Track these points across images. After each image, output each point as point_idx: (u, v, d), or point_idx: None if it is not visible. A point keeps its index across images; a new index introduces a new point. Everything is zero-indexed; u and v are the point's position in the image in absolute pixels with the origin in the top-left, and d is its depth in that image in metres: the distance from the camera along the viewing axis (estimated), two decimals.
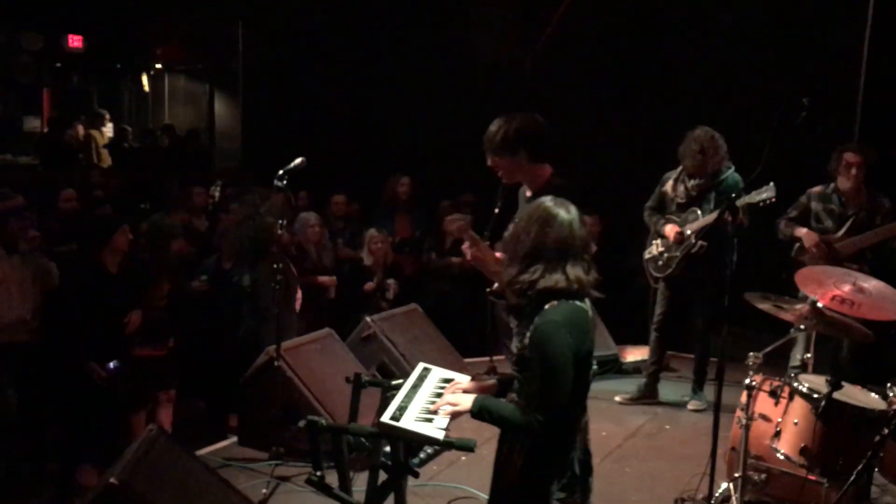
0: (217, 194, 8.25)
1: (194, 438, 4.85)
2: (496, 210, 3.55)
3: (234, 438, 4.89)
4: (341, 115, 9.00)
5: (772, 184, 4.54)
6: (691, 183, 5.35)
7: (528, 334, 2.49)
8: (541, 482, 2.50)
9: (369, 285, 6.44)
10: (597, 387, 5.90)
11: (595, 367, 2.62)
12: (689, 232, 5.25)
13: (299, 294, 5.50)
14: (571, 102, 7.79)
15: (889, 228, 4.84)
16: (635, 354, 6.57)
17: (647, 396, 5.80)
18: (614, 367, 6.42)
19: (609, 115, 7.69)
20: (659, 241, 5.46)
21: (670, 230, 5.33)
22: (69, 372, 4.55)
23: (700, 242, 5.19)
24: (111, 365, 4.57)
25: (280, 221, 4.60)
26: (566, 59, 7.97)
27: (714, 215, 5.03)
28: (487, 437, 3.53)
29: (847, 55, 6.58)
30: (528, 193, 3.51)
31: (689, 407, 5.67)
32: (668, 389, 6.08)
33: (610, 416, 5.55)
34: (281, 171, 4.45)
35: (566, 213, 2.53)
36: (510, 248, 2.60)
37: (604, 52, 7.97)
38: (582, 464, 2.59)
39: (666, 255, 5.40)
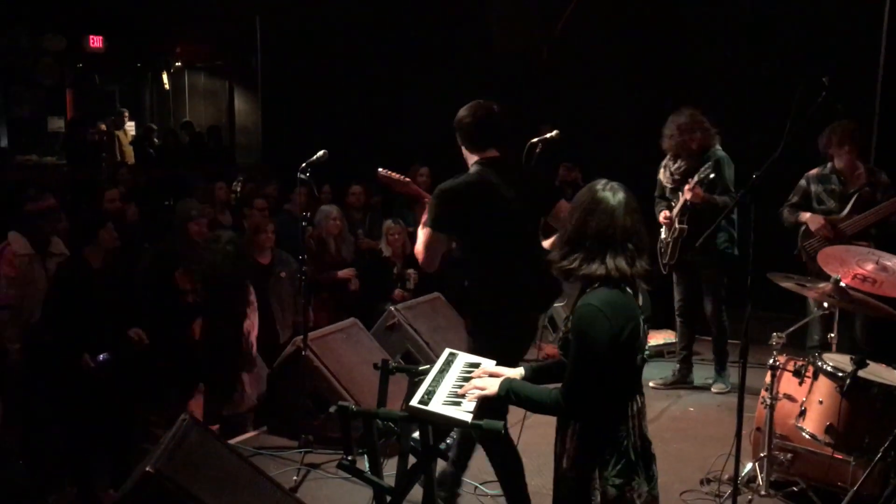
0: (239, 189, 8.36)
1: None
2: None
3: (265, 428, 4.97)
4: (359, 107, 9.06)
5: (709, 164, 4.72)
6: (675, 165, 5.39)
7: (571, 317, 2.50)
8: (590, 467, 2.48)
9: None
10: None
11: (647, 352, 2.60)
12: (674, 216, 5.33)
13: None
14: (587, 92, 7.82)
15: (891, 203, 4.81)
16: (657, 338, 6.58)
17: (681, 382, 5.83)
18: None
19: (624, 105, 7.70)
20: (662, 228, 5.51)
21: (661, 216, 5.40)
22: (68, 372, 4.54)
23: (680, 226, 5.27)
24: (101, 357, 4.59)
25: (304, 214, 4.66)
26: (582, 49, 7.97)
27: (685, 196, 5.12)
28: (512, 423, 3.61)
29: (866, 34, 6.54)
30: None
31: (713, 390, 5.69)
32: (693, 374, 6.09)
33: None
34: (304, 164, 4.51)
35: (613, 198, 2.47)
36: (560, 229, 2.61)
37: (620, 41, 7.96)
38: (640, 450, 2.55)
39: (664, 241, 5.46)
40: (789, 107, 3.57)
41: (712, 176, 5.02)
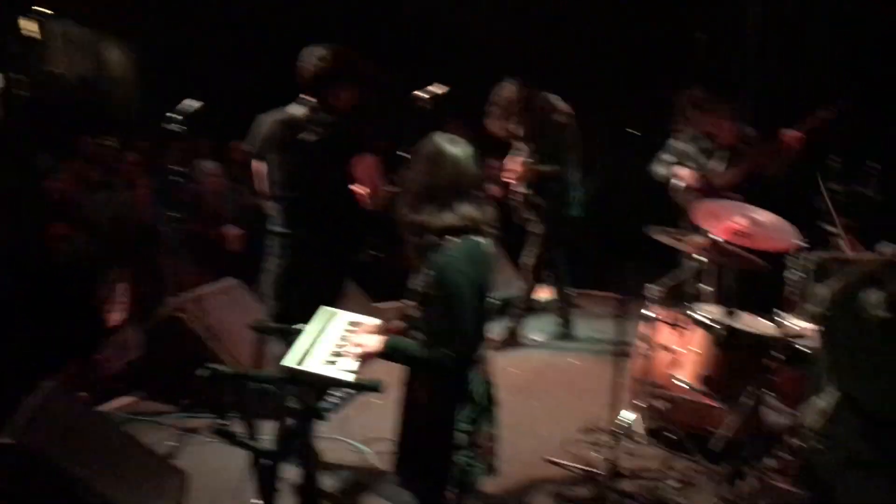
0: (111, 145, 7.92)
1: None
2: None
3: (141, 393, 4.76)
4: (240, 57, 8.68)
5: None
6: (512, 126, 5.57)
7: (427, 272, 2.48)
8: (446, 416, 2.52)
9: None
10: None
11: (498, 302, 2.63)
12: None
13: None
14: (475, 45, 7.72)
15: (759, 156, 4.98)
16: (545, 293, 6.66)
17: (560, 335, 5.95)
18: (521, 307, 6.50)
19: (514, 63, 7.66)
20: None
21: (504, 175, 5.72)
22: None
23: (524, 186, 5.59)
24: None
25: (179, 168, 4.42)
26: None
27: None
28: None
29: None
30: None
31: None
32: (574, 325, 6.22)
33: (517, 354, 5.66)
34: (173, 115, 4.27)
35: (456, 149, 2.52)
36: (405, 188, 2.58)
37: None
38: (485, 395, 2.62)
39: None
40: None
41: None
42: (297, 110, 3.97)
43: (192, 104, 4.33)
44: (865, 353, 2.78)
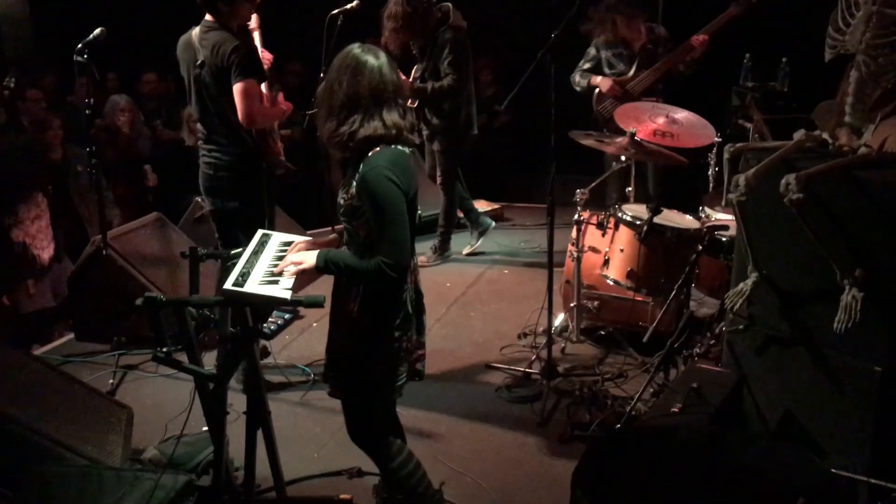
0: (12, 85, 7.54)
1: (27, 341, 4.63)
2: None
3: (71, 335, 4.68)
4: None
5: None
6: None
7: (355, 183, 2.48)
8: (378, 324, 2.56)
9: None
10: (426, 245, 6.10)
11: (420, 211, 2.65)
12: None
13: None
14: None
15: (671, 57, 5.09)
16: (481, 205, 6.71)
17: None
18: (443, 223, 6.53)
19: None
20: None
21: None
22: None
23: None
24: None
25: (87, 101, 4.24)
26: None
27: None
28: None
29: None
30: None
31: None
32: (504, 238, 6.33)
33: (451, 268, 5.74)
34: (80, 45, 4.08)
35: (375, 58, 2.49)
36: (325, 101, 2.54)
37: None
38: (414, 303, 2.65)
39: None
40: None
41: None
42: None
43: (98, 32, 4.13)
44: (780, 233, 2.93)
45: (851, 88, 2.89)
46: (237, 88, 3.66)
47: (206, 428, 2.95)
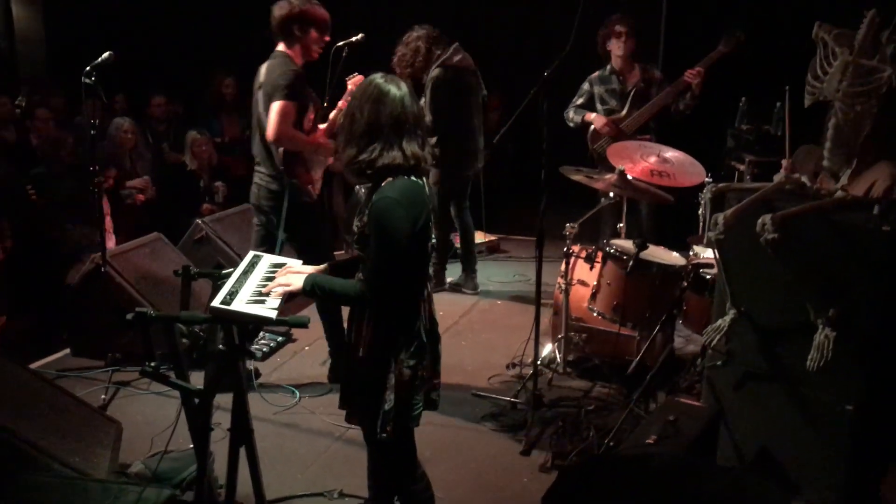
0: (23, 104, 7.68)
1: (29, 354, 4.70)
2: None
3: (67, 350, 4.75)
4: (157, 10, 8.46)
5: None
6: None
7: (367, 211, 2.54)
8: (388, 351, 2.57)
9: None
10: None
11: (434, 239, 2.69)
12: None
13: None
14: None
15: (666, 94, 5.20)
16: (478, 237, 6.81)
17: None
18: (449, 253, 6.63)
19: (433, 7, 7.68)
20: None
21: None
22: None
23: None
24: None
25: (93, 122, 4.36)
26: None
27: None
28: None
29: None
30: None
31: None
32: (499, 269, 6.42)
33: (445, 297, 5.81)
34: (88, 68, 4.21)
35: (397, 88, 2.53)
36: (346, 128, 2.58)
37: None
38: (429, 332, 2.67)
39: None
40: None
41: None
42: None
43: (106, 56, 4.26)
44: (758, 271, 3.00)
45: (829, 134, 2.99)
46: (273, 106, 3.97)
47: (193, 445, 3.01)
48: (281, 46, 4.17)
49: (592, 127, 5.35)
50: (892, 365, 2.87)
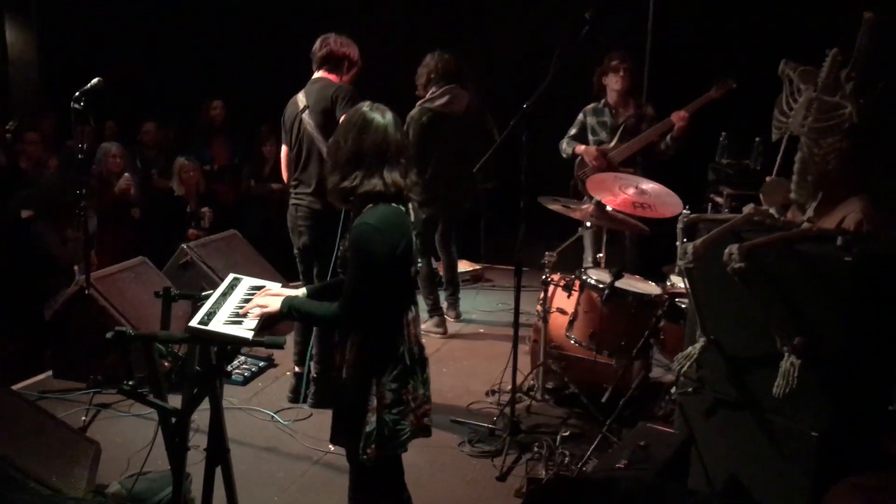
0: (14, 128, 7.75)
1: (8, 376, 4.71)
2: None
3: (49, 372, 4.77)
4: (147, 38, 8.57)
5: None
6: None
7: (348, 236, 2.61)
8: (371, 373, 2.61)
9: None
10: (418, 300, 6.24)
11: (419, 264, 2.75)
12: None
13: None
14: (386, 20, 7.83)
15: (654, 130, 5.32)
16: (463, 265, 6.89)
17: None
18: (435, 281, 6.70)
19: (422, 38, 7.80)
20: None
21: None
22: None
23: None
24: None
25: (81, 146, 4.43)
26: None
27: None
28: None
29: None
30: None
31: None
32: (483, 298, 6.48)
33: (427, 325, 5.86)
34: (77, 93, 4.29)
35: (381, 117, 2.60)
36: (332, 155, 2.66)
37: None
38: (415, 356, 2.70)
39: None
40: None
41: None
42: None
43: (96, 81, 4.34)
44: (727, 300, 3.07)
45: (796, 168, 3.07)
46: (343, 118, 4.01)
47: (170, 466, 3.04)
48: (321, 73, 4.36)
49: (580, 158, 5.47)
50: (856, 392, 2.93)
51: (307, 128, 4.25)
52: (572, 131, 5.60)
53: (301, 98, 4.32)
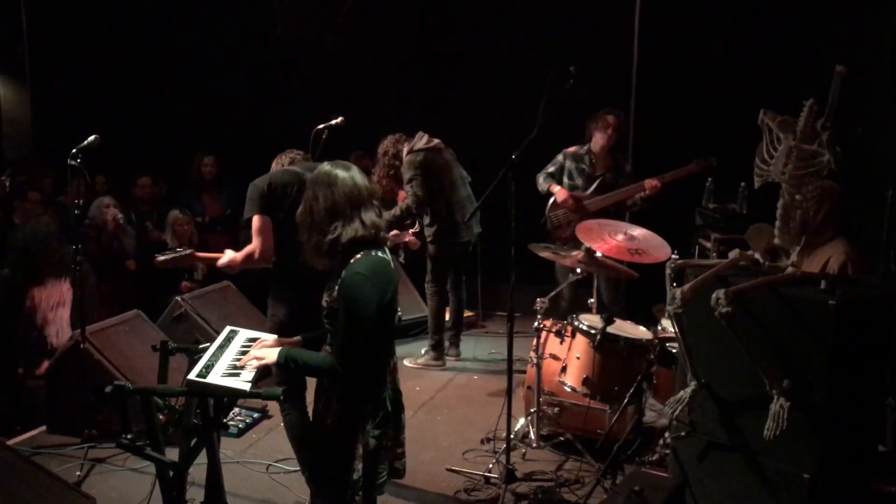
0: (8, 183, 7.82)
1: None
2: None
3: (43, 427, 4.76)
4: (140, 94, 8.71)
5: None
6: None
7: (336, 287, 2.67)
8: (356, 422, 2.68)
9: None
10: (410, 347, 6.29)
11: (400, 313, 2.82)
12: None
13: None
14: (373, 79, 8.01)
15: (629, 189, 5.50)
16: (445, 315, 6.94)
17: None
18: (426, 328, 6.73)
19: (406, 92, 7.97)
20: None
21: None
22: None
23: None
24: None
25: (77, 202, 4.50)
26: (365, 38, 8.15)
27: None
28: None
29: (621, 25, 7.19)
30: None
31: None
32: (476, 345, 6.51)
33: (422, 372, 5.89)
34: (74, 150, 4.37)
35: (345, 170, 2.72)
36: (305, 220, 2.73)
37: (401, 30, 8.22)
38: (393, 402, 2.79)
39: None
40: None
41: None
42: None
43: (92, 139, 4.42)
44: (715, 344, 3.12)
45: (779, 214, 3.16)
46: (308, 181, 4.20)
47: None
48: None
49: (554, 198, 5.62)
50: (845, 434, 2.97)
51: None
52: (550, 169, 5.78)
53: (299, 169, 4.25)
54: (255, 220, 3.80)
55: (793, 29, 6.52)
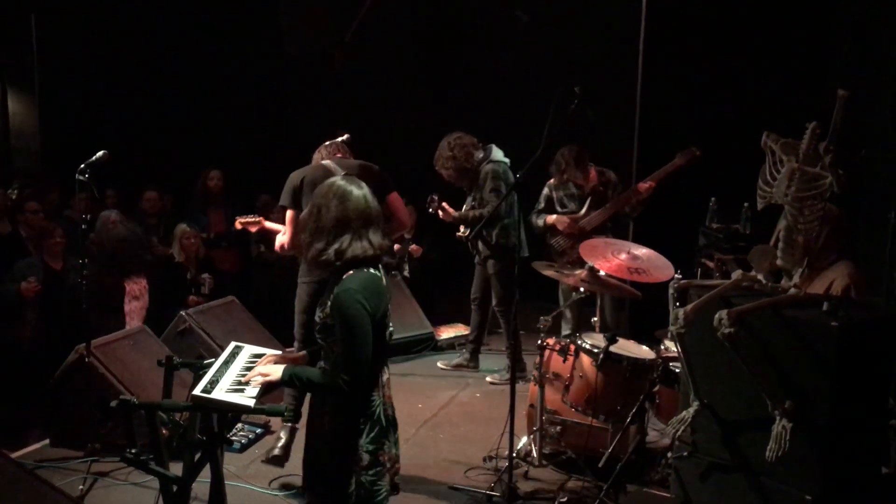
0: (15, 195, 7.86)
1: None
2: None
3: (46, 441, 4.77)
4: (148, 108, 8.78)
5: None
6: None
7: (329, 303, 2.69)
8: (350, 437, 2.69)
9: None
10: (414, 365, 6.31)
11: (391, 328, 2.83)
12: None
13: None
14: (380, 96, 8.07)
15: (620, 199, 5.57)
16: (448, 332, 6.98)
17: (464, 364, 6.29)
18: (430, 345, 6.76)
19: (415, 108, 8.03)
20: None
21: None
22: None
23: (463, 230, 6.02)
24: None
25: (84, 216, 4.53)
26: (373, 54, 8.22)
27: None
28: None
29: (626, 48, 7.24)
30: None
31: (488, 379, 6.12)
32: (480, 362, 6.50)
33: (425, 390, 5.89)
34: (83, 165, 4.40)
35: (358, 188, 2.74)
36: (310, 224, 2.75)
37: (409, 46, 8.29)
38: (389, 417, 2.79)
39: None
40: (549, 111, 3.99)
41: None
42: None
43: (101, 154, 4.46)
44: (718, 364, 3.14)
45: (781, 235, 3.18)
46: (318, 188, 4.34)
47: None
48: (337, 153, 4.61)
49: (553, 227, 5.70)
50: (847, 455, 2.98)
51: None
52: (540, 205, 5.91)
53: (333, 166, 4.38)
54: (288, 213, 4.30)
55: (798, 55, 6.58)
